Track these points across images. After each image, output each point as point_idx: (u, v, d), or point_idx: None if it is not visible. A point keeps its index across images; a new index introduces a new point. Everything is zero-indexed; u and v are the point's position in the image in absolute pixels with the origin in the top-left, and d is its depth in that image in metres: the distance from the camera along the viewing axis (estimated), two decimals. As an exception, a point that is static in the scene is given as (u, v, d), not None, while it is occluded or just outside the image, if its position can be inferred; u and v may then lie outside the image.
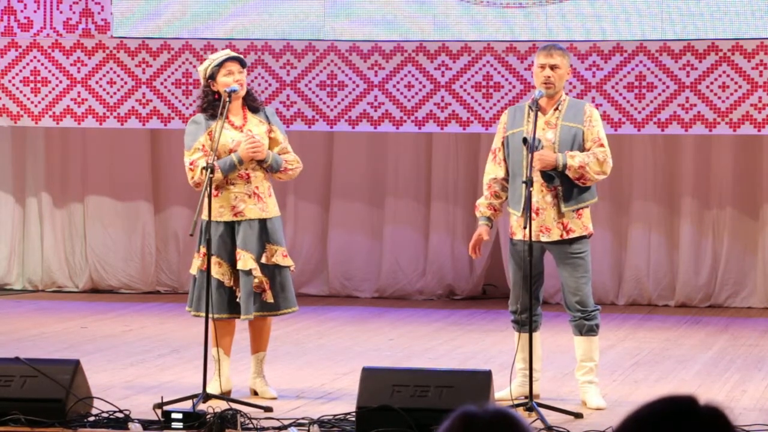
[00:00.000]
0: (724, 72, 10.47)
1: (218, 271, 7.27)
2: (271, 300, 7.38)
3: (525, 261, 7.12)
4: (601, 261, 11.16)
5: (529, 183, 6.98)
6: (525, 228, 6.99)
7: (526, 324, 7.21)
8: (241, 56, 7.48)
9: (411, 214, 11.75)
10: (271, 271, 7.37)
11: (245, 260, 7.32)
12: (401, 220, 11.75)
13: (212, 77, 7.37)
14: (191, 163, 7.34)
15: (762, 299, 11.23)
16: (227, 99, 7.25)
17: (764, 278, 11.23)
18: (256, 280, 7.34)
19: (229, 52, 7.49)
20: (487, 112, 10.78)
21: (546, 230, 7.22)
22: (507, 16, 10.63)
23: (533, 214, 7.11)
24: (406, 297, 11.68)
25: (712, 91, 10.51)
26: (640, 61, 10.55)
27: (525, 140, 7.12)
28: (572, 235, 7.23)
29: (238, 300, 7.35)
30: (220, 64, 7.35)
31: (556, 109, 7.26)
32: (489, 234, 7.45)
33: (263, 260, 7.35)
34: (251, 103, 7.43)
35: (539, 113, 7.22)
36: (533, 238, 7.08)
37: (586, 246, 7.29)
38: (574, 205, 7.22)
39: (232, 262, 7.36)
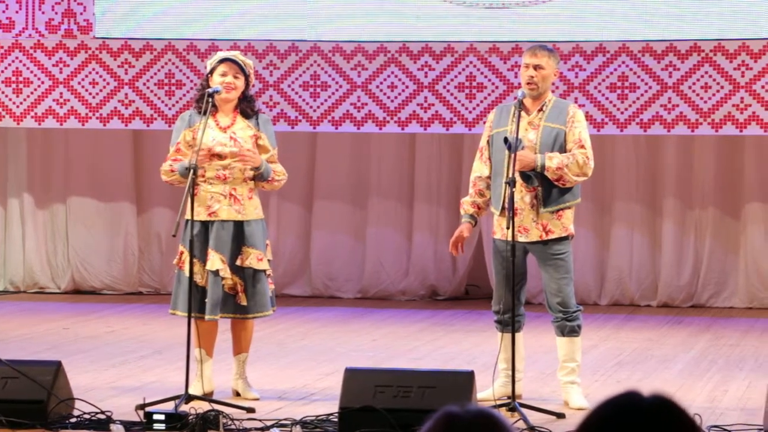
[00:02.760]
0: (706, 72, 10.49)
1: (191, 269, 7.24)
2: (244, 303, 7.36)
3: (507, 261, 7.12)
4: (584, 261, 11.18)
5: (511, 183, 6.98)
6: (507, 228, 7.00)
7: (509, 324, 7.21)
8: (240, 61, 7.38)
9: (394, 214, 11.73)
10: (246, 274, 7.35)
11: (213, 261, 7.31)
12: (384, 220, 11.73)
13: (211, 72, 7.39)
14: (164, 161, 7.41)
15: (743, 299, 11.24)
16: (209, 99, 7.25)
17: (746, 278, 11.24)
18: (230, 282, 7.32)
19: (231, 54, 7.47)
20: (470, 112, 10.78)
21: (524, 230, 7.22)
22: (490, 17, 10.62)
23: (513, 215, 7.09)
24: (389, 297, 11.66)
25: (694, 91, 10.52)
26: (623, 62, 10.57)
27: (506, 140, 7.12)
28: (552, 236, 7.23)
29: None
30: (220, 62, 7.37)
31: (541, 109, 7.26)
32: (470, 232, 7.44)
33: (238, 262, 7.34)
34: (245, 108, 7.40)
35: (524, 113, 7.22)
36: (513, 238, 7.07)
37: (568, 247, 7.29)
38: (553, 207, 7.22)
39: (206, 261, 7.35)
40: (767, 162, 11.19)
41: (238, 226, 7.35)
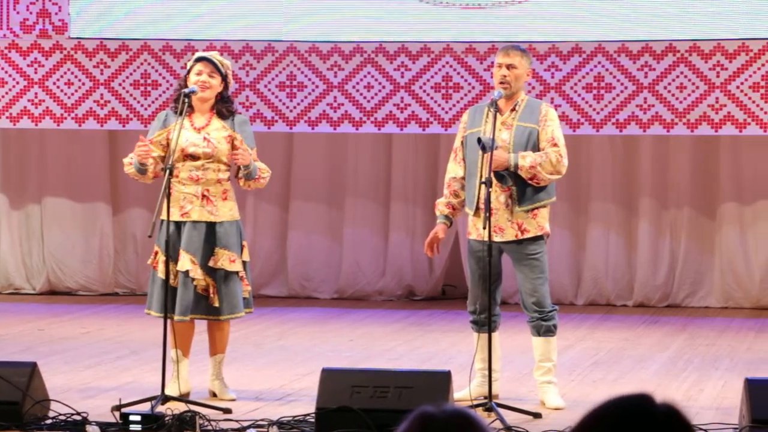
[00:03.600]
0: (681, 73, 10.51)
1: (165, 270, 7.24)
2: (216, 304, 7.34)
3: (482, 261, 7.13)
4: (560, 261, 11.17)
5: (487, 183, 6.98)
6: (484, 228, 7.00)
7: (485, 324, 7.20)
8: (217, 61, 7.37)
9: (370, 214, 11.66)
10: (218, 275, 7.33)
11: (183, 261, 7.29)
12: (361, 220, 11.67)
13: (188, 72, 7.40)
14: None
15: (719, 299, 11.23)
16: (185, 99, 7.24)
17: (721, 278, 11.23)
18: (202, 283, 7.30)
19: (208, 54, 7.46)
20: (446, 112, 10.77)
21: (499, 230, 7.23)
22: (466, 17, 10.61)
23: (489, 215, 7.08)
24: (366, 298, 11.59)
25: (669, 91, 10.53)
26: (599, 62, 10.57)
27: (479, 140, 7.13)
28: (527, 236, 7.24)
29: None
30: (196, 61, 7.38)
31: (513, 109, 7.27)
32: (446, 233, 7.44)
33: (210, 263, 7.32)
34: (221, 109, 7.38)
35: (497, 113, 7.21)
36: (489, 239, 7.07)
37: (543, 246, 7.29)
38: (528, 206, 7.23)
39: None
40: (742, 162, 11.21)
41: (210, 227, 7.34)
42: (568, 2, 10.50)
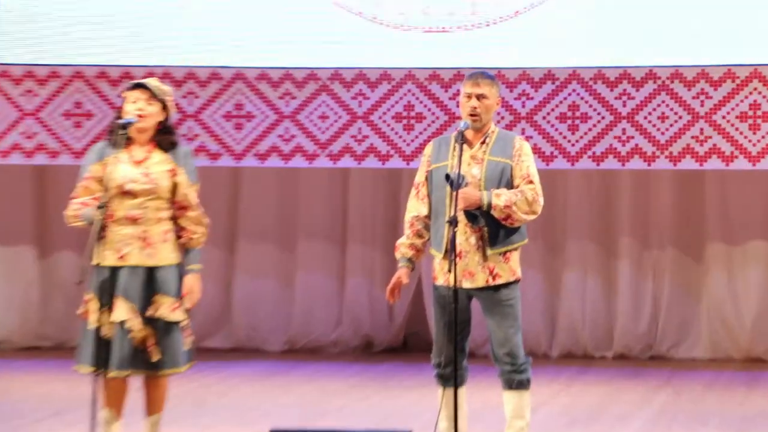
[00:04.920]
0: (663, 102, 10.43)
1: (98, 320, 6.88)
2: (155, 358, 6.96)
3: (449, 308, 6.78)
4: (533, 307, 11.07)
5: (453, 222, 6.67)
6: (449, 272, 6.66)
7: (451, 378, 6.88)
8: (151, 86, 7.09)
9: (325, 257, 11.58)
10: (157, 325, 6.98)
11: (119, 311, 6.93)
12: (314, 264, 11.57)
13: (124, 102, 7.13)
14: (71, 198, 7.08)
15: (706, 349, 11.16)
16: (121, 131, 6.92)
17: (708, 326, 11.19)
18: (139, 335, 6.93)
19: (144, 80, 7.16)
20: (408, 145, 10.66)
21: (470, 275, 6.92)
22: (429, 41, 10.57)
23: (456, 258, 6.77)
24: (319, 350, 11.48)
25: (650, 122, 10.43)
26: (573, 90, 10.50)
27: (448, 177, 6.82)
28: (499, 281, 6.95)
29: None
30: (131, 89, 7.09)
31: (483, 142, 7.00)
32: (409, 277, 7.12)
33: (149, 312, 6.95)
34: (161, 140, 7.08)
35: (465, 146, 6.97)
36: (457, 284, 6.75)
37: (516, 292, 7.02)
38: (500, 248, 6.95)
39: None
40: (730, 199, 11.23)
41: (150, 272, 6.99)
42: (540, 25, 10.47)
